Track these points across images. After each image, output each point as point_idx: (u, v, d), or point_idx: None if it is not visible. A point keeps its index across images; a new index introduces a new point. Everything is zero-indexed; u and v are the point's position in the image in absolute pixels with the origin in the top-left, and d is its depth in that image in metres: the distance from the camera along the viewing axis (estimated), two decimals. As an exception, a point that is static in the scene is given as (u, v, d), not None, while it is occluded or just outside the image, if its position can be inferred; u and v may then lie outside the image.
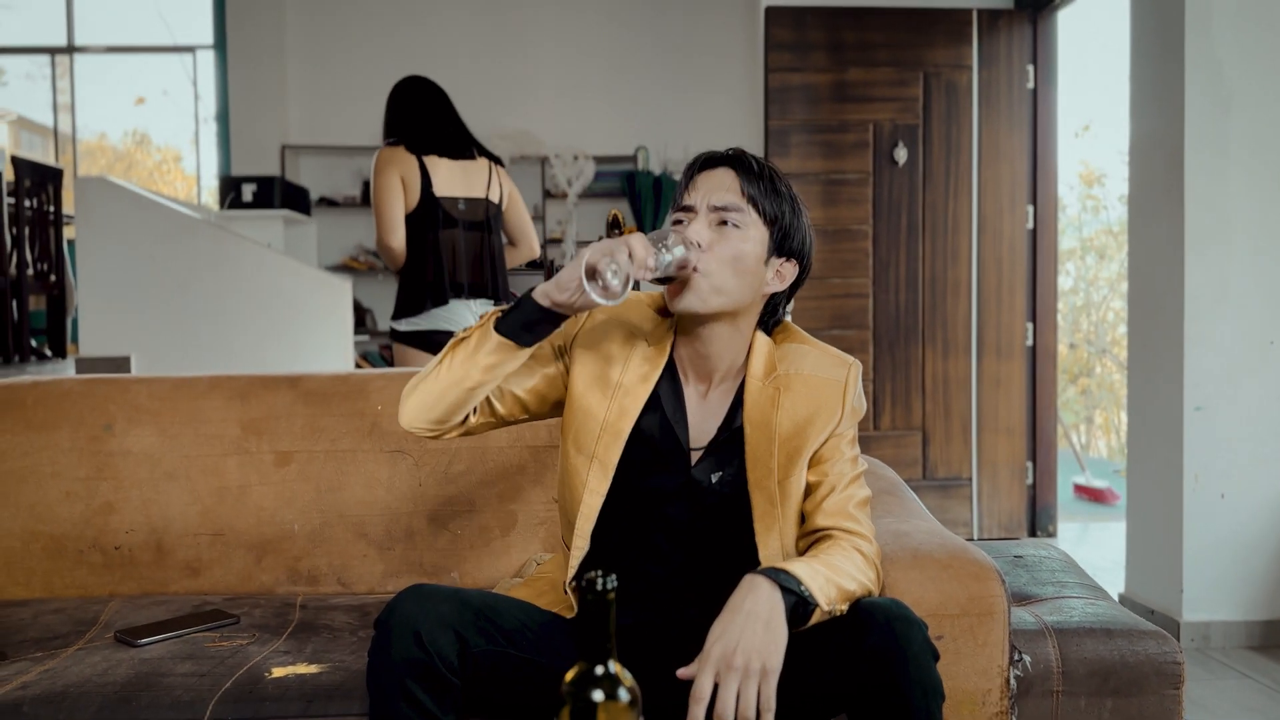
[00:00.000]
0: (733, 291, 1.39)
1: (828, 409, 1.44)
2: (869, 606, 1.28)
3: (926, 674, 1.22)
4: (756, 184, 1.41)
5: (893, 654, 1.21)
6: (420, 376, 1.41)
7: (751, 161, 1.43)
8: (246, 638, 1.71)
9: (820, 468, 1.44)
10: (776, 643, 1.22)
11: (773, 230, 1.42)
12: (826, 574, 1.30)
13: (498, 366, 1.36)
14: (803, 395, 1.44)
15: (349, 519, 1.99)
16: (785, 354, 1.48)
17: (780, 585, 1.26)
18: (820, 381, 1.45)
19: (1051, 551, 2.13)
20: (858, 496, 1.44)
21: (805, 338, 1.53)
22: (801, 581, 1.27)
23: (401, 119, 3.10)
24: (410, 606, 1.27)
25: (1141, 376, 3.32)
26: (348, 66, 6.23)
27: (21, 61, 7.87)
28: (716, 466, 1.45)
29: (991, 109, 4.41)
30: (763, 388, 1.45)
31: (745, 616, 1.23)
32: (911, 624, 1.24)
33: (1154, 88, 3.21)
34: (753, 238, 1.40)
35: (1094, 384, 9.72)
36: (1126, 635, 1.65)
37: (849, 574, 1.33)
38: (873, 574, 1.38)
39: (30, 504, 1.96)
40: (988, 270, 4.43)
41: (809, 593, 1.27)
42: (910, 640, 1.22)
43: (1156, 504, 3.21)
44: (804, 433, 1.43)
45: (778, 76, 4.33)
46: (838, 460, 1.44)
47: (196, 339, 4.01)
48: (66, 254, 5.14)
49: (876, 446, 4.27)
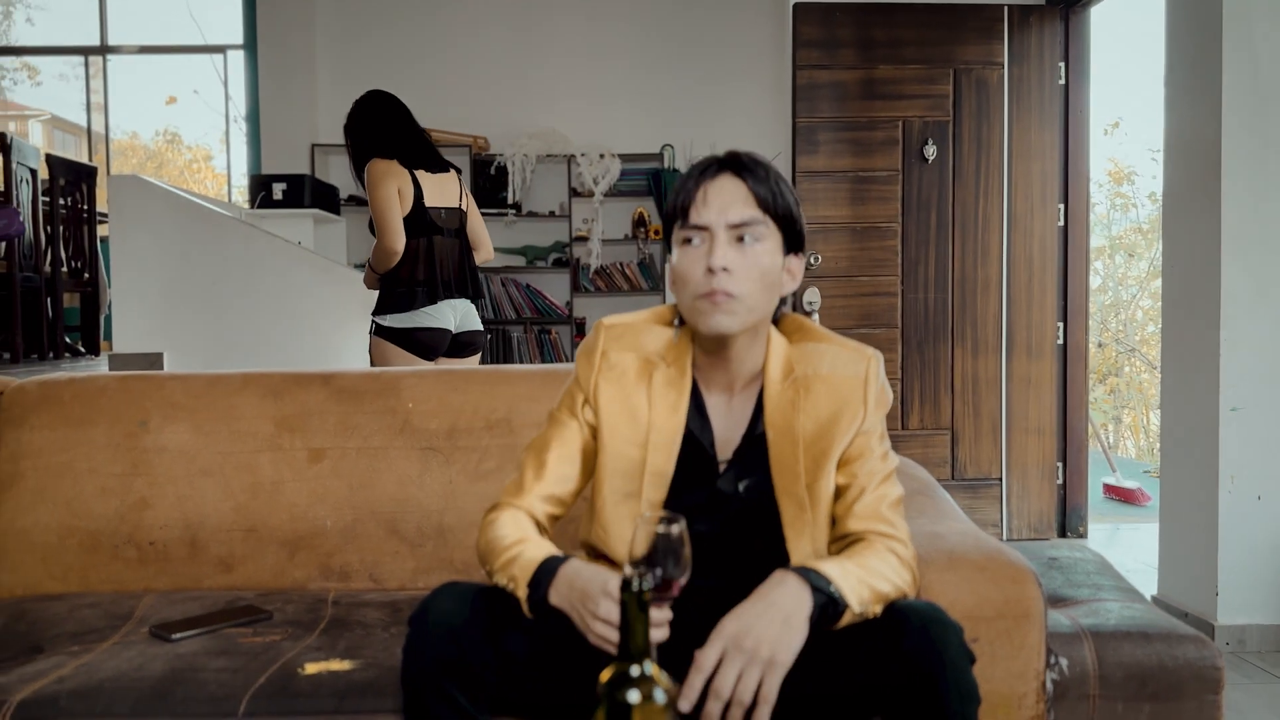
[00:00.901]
0: (762, 306, 1.38)
1: (850, 408, 1.41)
2: (904, 609, 1.26)
3: (963, 678, 1.20)
4: (764, 186, 1.37)
5: (929, 658, 1.20)
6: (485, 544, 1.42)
7: (751, 162, 1.39)
8: (279, 633, 1.72)
9: (849, 469, 1.40)
10: (791, 638, 1.21)
11: (785, 231, 1.39)
12: (860, 574, 1.29)
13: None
14: (823, 396, 1.41)
15: (380, 515, 1.99)
16: (802, 354, 1.44)
17: (810, 584, 1.25)
18: (840, 380, 1.41)
19: (1086, 553, 2.10)
20: (890, 496, 1.40)
21: (821, 334, 1.47)
22: (832, 581, 1.26)
23: (387, 134, 3.30)
24: (445, 604, 1.27)
25: (1175, 377, 3.28)
26: (377, 66, 6.26)
27: (55, 62, 7.98)
28: (742, 474, 1.43)
29: (1022, 106, 4.37)
30: (782, 391, 1.42)
31: (767, 605, 1.23)
32: (948, 627, 1.23)
33: (1190, 83, 3.17)
34: (771, 248, 1.37)
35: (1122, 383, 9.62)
36: (1165, 639, 1.63)
37: (883, 575, 1.31)
38: (908, 576, 1.35)
39: (67, 499, 1.98)
40: (1018, 269, 4.39)
41: (839, 593, 1.25)
42: (946, 644, 1.21)
43: (1191, 506, 3.17)
44: (829, 434, 1.40)
45: (806, 74, 4.31)
46: (867, 460, 1.41)
47: (228, 335, 4.04)
48: (100, 251, 5.20)
49: (905, 446, 4.24)
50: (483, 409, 2.04)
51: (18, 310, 4.30)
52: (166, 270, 3.86)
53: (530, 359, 6.31)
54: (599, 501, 1.46)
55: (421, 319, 3.25)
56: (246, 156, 6.84)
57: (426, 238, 3.27)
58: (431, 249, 3.27)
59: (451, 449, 2.02)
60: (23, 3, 7.80)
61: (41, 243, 4.62)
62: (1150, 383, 9.22)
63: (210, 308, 3.97)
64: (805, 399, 1.41)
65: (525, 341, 6.32)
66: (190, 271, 3.91)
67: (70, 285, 4.95)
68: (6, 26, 8.09)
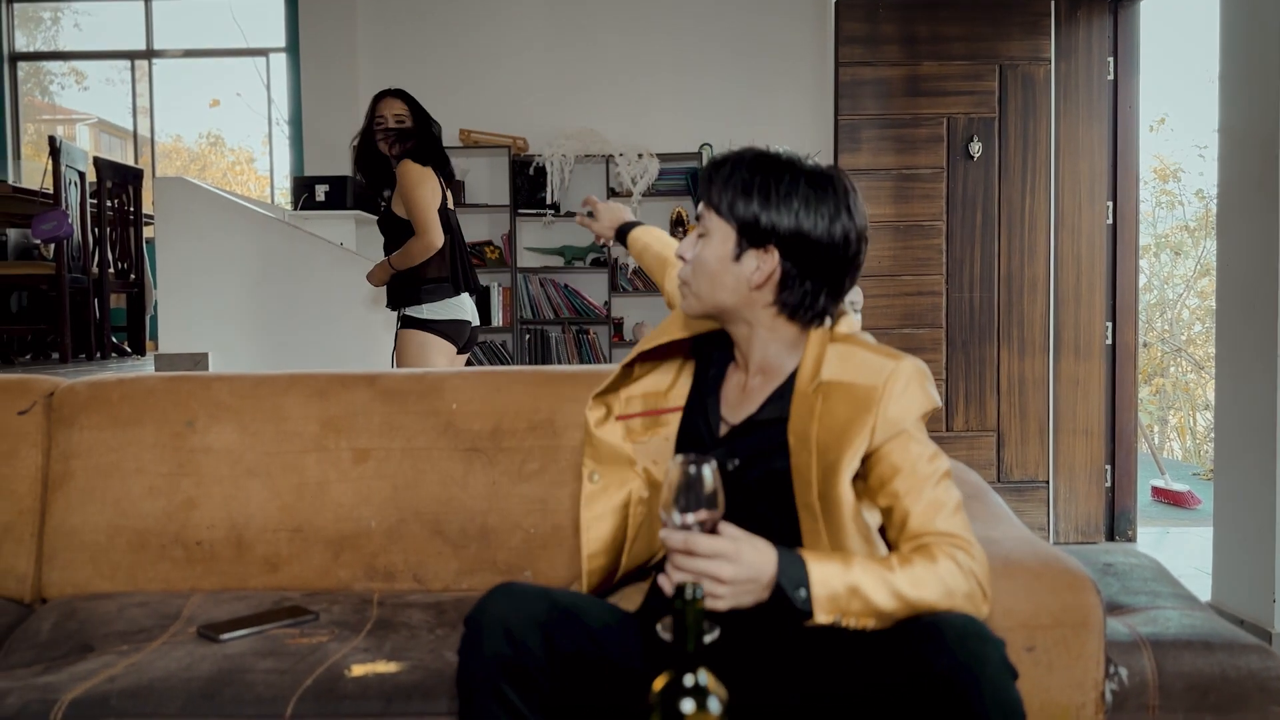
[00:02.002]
0: (706, 294, 1.43)
1: (861, 418, 1.33)
2: (940, 624, 1.20)
3: (1005, 695, 1.15)
4: (721, 187, 1.42)
5: (967, 675, 1.15)
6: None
7: (724, 165, 1.44)
8: (326, 634, 1.72)
9: (888, 488, 1.33)
10: (747, 597, 1.22)
11: (740, 227, 1.39)
12: (858, 583, 1.23)
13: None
14: (840, 404, 1.35)
15: (425, 516, 1.99)
16: (833, 357, 1.40)
17: (779, 576, 1.23)
18: (858, 388, 1.35)
19: (1142, 559, 2.05)
20: (948, 504, 1.32)
21: (861, 340, 1.43)
22: (809, 583, 1.23)
23: (432, 141, 3.48)
24: (502, 605, 1.26)
25: (1231, 379, 3.20)
26: (418, 68, 6.29)
27: (101, 66, 8.10)
28: (733, 453, 1.42)
29: (1070, 102, 4.29)
30: (807, 398, 1.38)
31: (755, 569, 1.22)
32: (986, 642, 1.17)
33: (1246, 75, 3.09)
34: (715, 242, 1.42)
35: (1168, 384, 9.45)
36: (1227, 649, 1.58)
37: (901, 593, 1.24)
38: (969, 585, 1.27)
39: (115, 499, 1.99)
40: (1066, 267, 4.31)
41: (805, 599, 1.23)
42: (986, 660, 1.16)
43: (1247, 510, 3.09)
44: (839, 443, 1.33)
45: (849, 70, 4.27)
46: (904, 475, 1.32)
47: (271, 335, 4.07)
48: (145, 253, 5.27)
49: (949, 448, 4.18)
50: (526, 410, 2.03)
51: (66, 310, 4.36)
52: (211, 271, 3.90)
53: (568, 359, 6.31)
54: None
55: (453, 310, 3.41)
56: (289, 158, 6.91)
57: (451, 236, 3.44)
58: (454, 247, 3.45)
59: (495, 450, 2.01)
60: (70, 9, 7.93)
61: (89, 244, 4.68)
62: (1197, 383, 9.05)
63: (254, 308, 4.01)
64: (824, 406, 1.36)
65: (563, 341, 6.32)
66: (234, 272, 3.95)
67: (117, 286, 5.02)
68: (55, 32, 8.24)
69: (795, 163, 1.42)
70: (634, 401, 1.57)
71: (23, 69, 7.52)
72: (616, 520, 1.54)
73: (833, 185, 1.41)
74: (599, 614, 1.35)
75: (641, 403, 1.56)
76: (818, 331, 1.43)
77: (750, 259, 1.39)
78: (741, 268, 1.40)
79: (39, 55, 8.00)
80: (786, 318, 1.43)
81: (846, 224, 1.40)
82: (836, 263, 1.41)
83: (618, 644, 1.33)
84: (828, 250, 1.39)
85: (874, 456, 1.34)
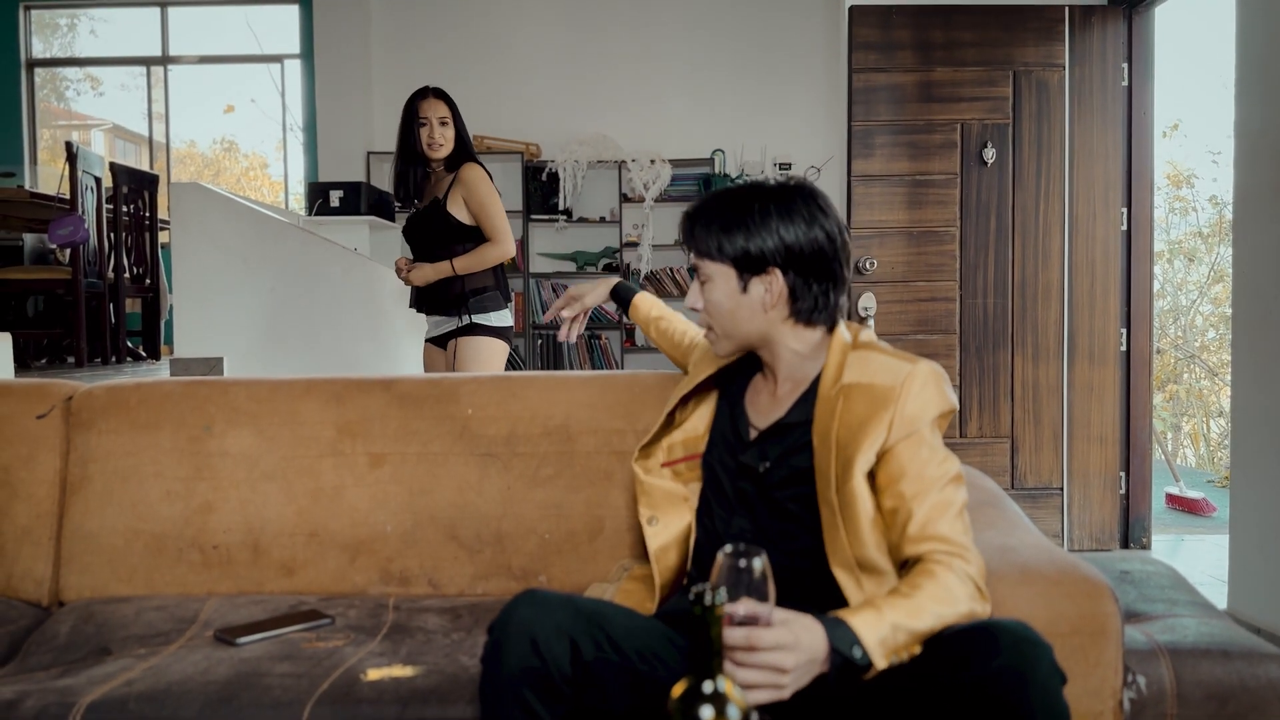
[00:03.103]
0: (733, 330, 1.53)
1: (878, 416, 1.42)
2: (994, 628, 1.23)
3: (1053, 700, 1.18)
4: (704, 235, 1.51)
5: (1019, 678, 1.17)
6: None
7: (699, 214, 1.52)
8: (342, 639, 1.72)
9: (894, 489, 1.40)
10: (801, 681, 1.23)
11: (734, 262, 1.49)
12: (898, 618, 1.27)
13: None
14: (859, 403, 1.44)
15: (440, 521, 2.00)
16: (854, 362, 1.49)
17: (832, 644, 1.24)
18: (877, 388, 1.44)
19: (1159, 566, 2.04)
20: (951, 506, 1.38)
21: (880, 346, 1.51)
22: (860, 639, 1.25)
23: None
24: (527, 613, 1.26)
25: (1247, 386, 3.18)
26: (431, 75, 6.31)
27: (117, 72, 8.15)
28: (762, 456, 1.52)
29: (1084, 108, 4.28)
30: (830, 399, 1.47)
31: (809, 652, 1.23)
32: (1038, 646, 1.20)
33: (1263, 81, 3.08)
34: (719, 284, 1.51)
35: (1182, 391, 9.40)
36: (1246, 657, 1.57)
37: (930, 611, 1.29)
38: (969, 590, 1.33)
39: (133, 502, 2.01)
40: (1080, 273, 4.30)
41: (863, 653, 1.25)
42: (1038, 663, 1.18)
43: (1263, 517, 3.07)
44: (856, 440, 1.42)
45: (862, 77, 4.26)
46: (911, 478, 1.39)
47: (286, 340, 4.08)
48: (160, 257, 5.30)
49: (964, 454, 4.17)
50: (540, 415, 2.04)
51: (81, 315, 4.39)
52: (226, 276, 3.91)
53: (580, 364, 6.32)
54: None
55: (509, 317, 3.39)
56: (303, 164, 6.94)
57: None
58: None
59: (510, 455, 2.01)
60: (87, 15, 7.98)
61: (105, 249, 4.71)
62: (1210, 390, 9.01)
63: (269, 313, 4.02)
64: (844, 405, 1.45)
65: (575, 346, 6.33)
66: (249, 277, 3.96)
67: (132, 291, 5.05)
68: (71, 38, 8.29)
69: (759, 187, 1.52)
70: (676, 448, 1.68)
71: (39, 75, 7.58)
72: (680, 549, 1.64)
73: (799, 195, 1.50)
74: (622, 621, 1.36)
75: (683, 448, 1.67)
76: (839, 340, 1.52)
77: (756, 286, 1.50)
78: (751, 297, 1.50)
79: (56, 61, 8.06)
80: (805, 324, 1.52)
81: (824, 223, 1.50)
82: (829, 260, 1.50)
83: (641, 650, 1.34)
84: (817, 252, 1.49)
85: (887, 455, 1.41)
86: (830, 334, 1.54)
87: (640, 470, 1.69)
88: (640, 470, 1.69)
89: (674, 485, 1.66)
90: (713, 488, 1.60)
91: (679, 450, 1.68)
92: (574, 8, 6.46)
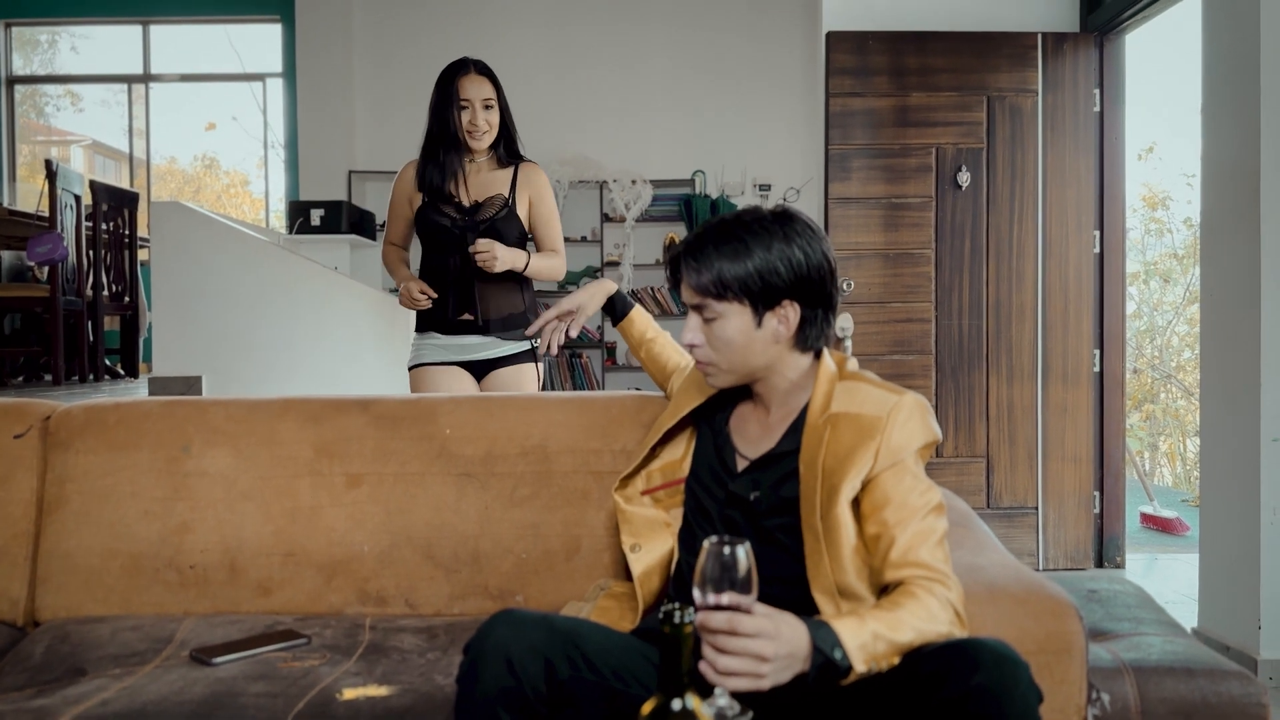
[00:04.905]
0: (739, 366, 1.52)
1: (865, 446, 1.43)
2: (974, 645, 1.25)
3: (1031, 718, 1.21)
4: (707, 272, 1.47)
5: (997, 695, 1.19)
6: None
7: (697, 247, 1.49)
8: (318, 658, 1.73)
9: (878, 516, 1.41)
10: (781, 676, 1.23)
11: (749, 297, 1.47)
12: (878, 628, 1.29)
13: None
14: (846, 432, 1.46)
15: (417, 541, 2.01)
16: (841, 392, 1.50)
17: (814, 643, 1.25)
18: (863, 418, 1.45)
19: (1126, 585, 2.08)
20: (932, 535, 1.40)
21: (867, 377, 1.54)
22: (841, 642, 1.26)
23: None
24: (503, 633, 1.28)
25: (1215, 406, 3.24)
26: (414, 93, 6.33)
27: (97, 89, 8.14)
28: (753, 486, 1.53)
29: (1057, 133, 4.35)
30: (818, 428, 1.48)
31: (790, 646, 1.24)
32: (1017, 665, 1.23)
33: (1228, 109, 3.15)
34: (731, 322, 1.49)
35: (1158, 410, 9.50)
36: (1208, 675, 1.60)
37: (910, 625, 1.31)
38: (949, 614, 1.35)
39: (110, 522, 2.01)
40: (1053, 295, 4.36)
41: (844, 655, 1.26)
42: (1016, 681, 1.21)
43: (1232, 537, 3.12)
44: (842, 468, 1.43)
45: (839, 101, 4.32)
46: (894, 506, 1.41)
47: (265, 359, 4.09)
48: (140, 275, 5.29)
49: (940, 474, 4.21)
50: (518, 435, 2.05)
51: (59, 333, 4.38)
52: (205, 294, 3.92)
53: (561, 384, 6.33)
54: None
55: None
56: (284, 182, 6.95)
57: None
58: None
59: (487, 475, 2.03)
60: (68, 32, 7.98)
61: (84, 267, 4.70)
62: (1187, 409, 9.11)
63: (248, 332, 4.03)
64: (831, 434, 1.46)
65: (555, 366, 6.34)
66: (229, 296, 3.97)
67: (111, 308, 5.03)
68: (52, 55, 8.28)
69: (757, 220, 1.50)
70: (654, 476, 1.70)
71: (19, 91, 7.56)
72: (662, 573, 1.66)
73: (788, 221, 1.50)
74: (598, 639, 1.38)
75: (661, 475, 1.69)
76: (825, 370, 1.54)
77: (770, 320, 1.49)
78: (765, 331, 1.50)
79: (36, 79, 8.05)
80: (800, 350, 1.54)
81: (822, 248, 1.50)
82: (828, 285, 1.52)
83: (617, 668, 1.36)
84: (821, 279, 1.50)
85: (871, 483, 1.43)
86: (817, 359, 1.56)
87: (621, 500, 1.71)
88: (621, 500, 1.71)
89: (655, 512, 1.69)
90: (697, 514, 1.62)
91: (658, 478, 1.70)
92: (556, 30, 6.52)
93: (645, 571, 1.65)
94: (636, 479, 1.72)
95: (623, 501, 1.71)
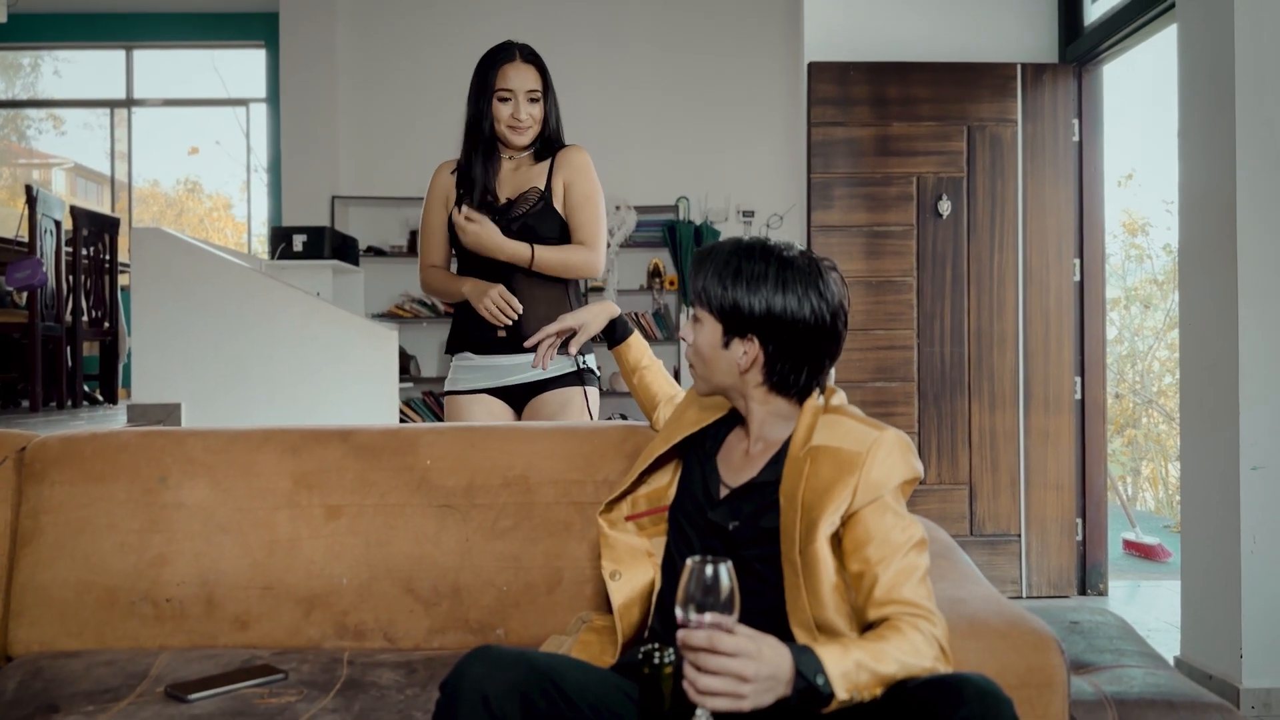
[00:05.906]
0: (707, 376, 1.57)
1: (843, 481, 1.42)
2: (958, 680, 1.25)
3: None
4: (705, 280, 1.53)
5: None
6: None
7: (707, 258, 1.54)
8: (295, 694, 1.71)
9: (860, 554, 1.40)
10: (762, 699, 1.22)
11: (721, 317, 1.52)
12: (862, 658, 1.28)
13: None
14: (826, 466, 1.45)
15: (396, 574, 1.99)
16: (823, 426, 1.50)
17: (798, 668, 1.24)
18: (843, 454, 1.45)
19: (1108, 617, 2.08)
20: (915, 571, 1.39)
21: (850, 412, 1.53)
22: (824, 669, 1.25)
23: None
24: (479, 670, 1.27)
25: (1195, 434, 3.25)
26: (397, 119, 6.36)
27: (79, 112, 8.13)
28: (733, 515, 1.54)
29: (1036, 162, 4.40)
30: (798, 460, 1.48)
31: (772, 668, 1.23)
32: (1000, 700, 1.23)
33: (1204, 139, 3.19)
34: (706, 331, 1.54)
35: (1140, 435, 9.54)
36: (1189, 707, 1.60)
37: (896, 658, 1.30)
38: (934, 650, 1.34)
39: (85, 555, 1.98)
40: (1034, 323, 4.39)
41: (826, 682, 1.25)
42: (1000, 717, 1.21)
43: (1213, 566, 3.13)
44: (821, 503, 1.42)
45: (821, 130, 4.36)
46: (876, 543, 1.39)
47: (246, 386, 4.06)
48: (120, 301, 5.25)
49: (922, 501, 4.21)
50: (500, 466, 2.04)
51: (37, 359, 4.34)
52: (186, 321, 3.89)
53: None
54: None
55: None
56: (267, 206, 6.93)
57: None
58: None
59: (469, 506, 2.01)
60: (51, 56, 7.97)
61: (63, 292, 4.67)
62: (1169, 434, 9.16)
63: (229, 359, 4.00)
64: (811, 468, 1.46)
65: (540, 391, 6.33)
66: (210, 323, 3.94)
67: (90, 334, 5.00)
68: (34, 78, 8.26)
69: (768, 251, 1.51)
70: (639, 502, 1.70)
71: (1, 114, 7.54)
72: (643, 605, 1.66)
73: (802, 268, 1.50)
74: (577, 675, 1.36)
75: (646, 502, 1.69)
76: (811, 403, 1.54)
77: (736, 347, 1.52)
78: (730, 354, 1.53)
79: (18, 103, 8.02)
80: (777, 393, 1.54)
81: (817, 304, 1.49)
82: (811, 340, 1.50)
83: (595, 704, 1.34)
84: (801, 330, 1.49)
85: (852, 519, 1.42)
86: (801, 405, 1.55)
87: (604, 524, 1.70)
88: (604, 524, 1.70)
89: (638, 539, 1.68)
90: (679, 543, 1.62)
91: (643, 504, 1.70)
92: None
93: (625, 603, 1.64)
94: (621, 504, 1.71)
95: (606, 525, 1.70)
